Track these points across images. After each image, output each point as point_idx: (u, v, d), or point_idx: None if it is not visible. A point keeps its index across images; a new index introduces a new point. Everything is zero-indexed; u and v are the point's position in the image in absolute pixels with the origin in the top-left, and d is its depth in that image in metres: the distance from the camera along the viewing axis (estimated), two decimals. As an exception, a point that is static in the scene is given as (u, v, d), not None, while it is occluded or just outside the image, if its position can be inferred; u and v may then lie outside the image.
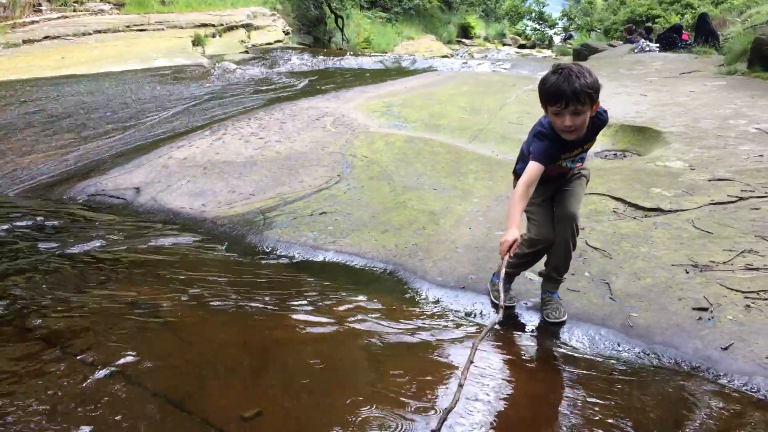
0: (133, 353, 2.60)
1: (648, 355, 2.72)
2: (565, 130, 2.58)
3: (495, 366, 2.65)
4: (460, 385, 2.08)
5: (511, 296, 3.21)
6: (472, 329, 2.98)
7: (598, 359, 2.71)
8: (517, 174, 3.05)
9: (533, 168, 2.70)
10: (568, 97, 2.47)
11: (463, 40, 30.19)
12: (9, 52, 10.69)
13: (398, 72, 11.65)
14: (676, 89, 8.06)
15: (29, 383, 2.33)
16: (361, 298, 3.29)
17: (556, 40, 32.80)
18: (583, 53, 16.19)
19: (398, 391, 2.41)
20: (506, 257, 2.61)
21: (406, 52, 18.73)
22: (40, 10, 13.34)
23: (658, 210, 3.97)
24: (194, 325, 2.92)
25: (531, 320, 3.07)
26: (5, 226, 4.22)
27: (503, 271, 2.68)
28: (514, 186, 3.03)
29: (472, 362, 2.19)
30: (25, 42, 11.19)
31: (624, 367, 2.64)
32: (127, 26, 13.00)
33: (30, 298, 3.09)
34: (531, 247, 3.00)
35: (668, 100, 7.37)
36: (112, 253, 3.81)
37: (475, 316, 3.14)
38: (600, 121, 2.75)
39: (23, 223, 4.33)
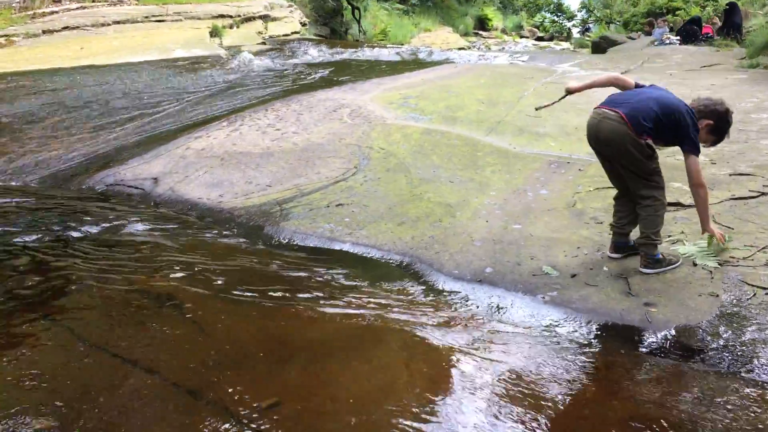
0: (151, 342, 2.63)
1: (667, 350, 2.69)
2: (702, 146, 3.29)
3: (516, 365, 2.65)
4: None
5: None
6: (489, 323, 2.98)
7: (616, 354, 2.69)
8: (642, 129, 3.07)
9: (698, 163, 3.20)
10: None
11: (480, 32, 29.93)
12: (29, 42, 10.79)
13: (415, 64, 11.58)
14: (696, 82, 7.94)
15: (44, 369, 2.36)
16: (376, 290, 3.29)
17: (575, 32, 32.44)
18: (601, 46, 15.92)
19: (413, 382, 2.41)
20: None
21: (422, 44, 18.60)
22: (60, 0, 13.44)
23: (678, 204, 3.92)
24: (211, 314, 2.94)
25: (548, 314, 3.05)
26: (24, 216, 4.28)
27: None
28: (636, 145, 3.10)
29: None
30: (44, 32, 11.29)
31: (643, 362, 2.62)
32: (146, 17, 13.08)
33: (46, 285, 3.13)
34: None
35: (689, 93, 7.25)
36: (130, 241, 3.85)
37: (491, 309, 3.13)
38: None
39: (41, 211, 4.38)
